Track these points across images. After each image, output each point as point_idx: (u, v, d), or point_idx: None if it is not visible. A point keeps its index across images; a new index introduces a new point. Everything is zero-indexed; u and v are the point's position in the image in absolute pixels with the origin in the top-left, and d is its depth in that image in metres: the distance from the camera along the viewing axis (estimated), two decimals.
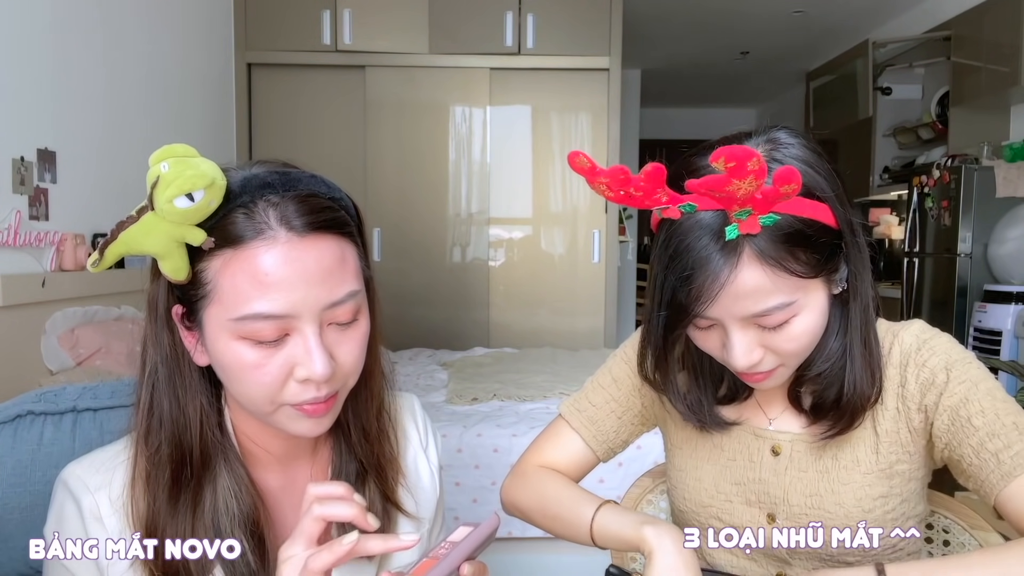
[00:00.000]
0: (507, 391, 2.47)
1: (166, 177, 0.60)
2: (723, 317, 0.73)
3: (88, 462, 0.72)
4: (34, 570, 0.89)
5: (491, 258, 3.82)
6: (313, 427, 0.70)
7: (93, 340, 2.02)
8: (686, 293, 0.71)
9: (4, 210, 1.88)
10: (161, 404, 0.70)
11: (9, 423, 0.89)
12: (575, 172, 0.70)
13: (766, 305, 0.71)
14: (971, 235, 3.55)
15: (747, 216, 0.69)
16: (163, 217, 0.61)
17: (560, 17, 3.68)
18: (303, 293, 0.64)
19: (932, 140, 4.49)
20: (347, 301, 0.67)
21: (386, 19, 3.64)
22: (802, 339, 0.74)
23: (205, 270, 0.65)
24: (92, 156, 2.30)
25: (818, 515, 0.82)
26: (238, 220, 0.64)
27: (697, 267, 0.70)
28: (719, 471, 0.89)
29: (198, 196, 0.61)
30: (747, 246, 0.70)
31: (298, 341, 0.65)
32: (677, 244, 0.72)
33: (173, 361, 0.70)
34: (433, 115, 3.75)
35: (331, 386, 0.68)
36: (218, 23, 3.43)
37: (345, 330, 0.69)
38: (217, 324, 0.65)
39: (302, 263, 0.64)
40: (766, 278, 0.70)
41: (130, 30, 2.55)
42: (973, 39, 3.74)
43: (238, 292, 0.64)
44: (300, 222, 0.64)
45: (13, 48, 1.93)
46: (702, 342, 0.78)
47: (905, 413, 0.81)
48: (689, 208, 0.71)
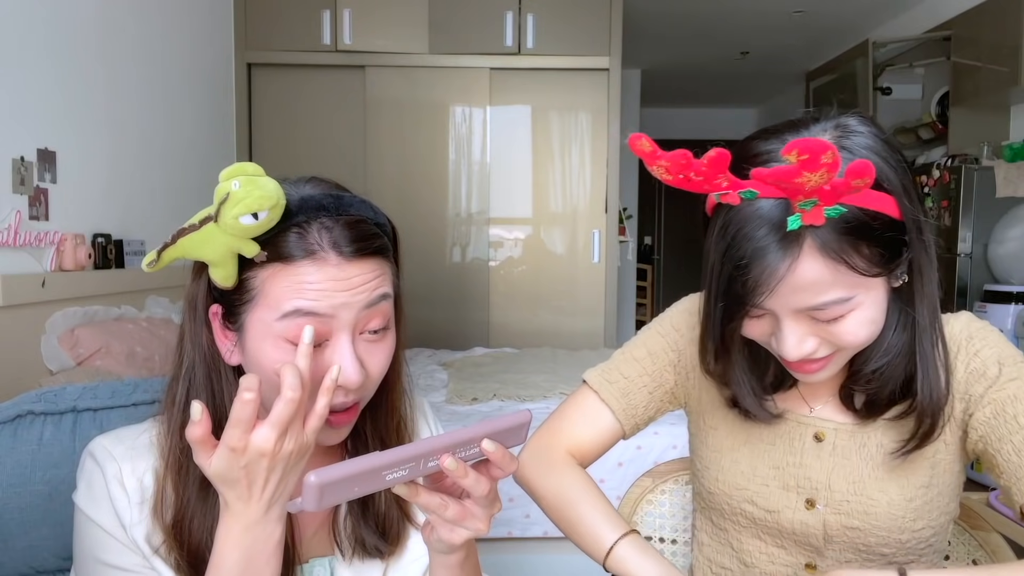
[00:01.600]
0: (507, 391, 2.47)
1: (236, 195, 0.64)
2: (778, 308, 0.71)
3: (114, 436, 0.76)
4: (34, 570, 0.89)
5: (491, 258, 3.82)
6: (332, 436, 0.73)
7: (93, 340, 2.02)
8: (742, 283, 0.70)
9: (4, 210, 1.88)
10: (200, 397, 0.72)
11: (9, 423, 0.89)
12: (635, 154, 0.68)
13: (824, 299, 0.70)
14: (971, 235, 3.54)
15: (812, 207, 0.67)
16: (224, 230, 0.65)
17: (560, 17, 3.68)
18: (343, 300, 0.68)
19: (932, 140, 4.49)
20: (380, 303, 0.72)
21: (386, 19, 3.64)
22: (858, 333, 0.72)
23: (253, 278, 0.69)
24: (92, 156, 2.30)
25: (861, 502, 0.81)
26: (291, 239, 0.68)
27: (755, 257, 0.69)
28: (757, 455, 0.87)
29: (263, 216, 0.65)
30: (809, 237, 0.68)
31: (334, 348, 0.69)
32: (735, 232, 0.70)
33: (211, 359, 0.73)
34: (433, 115, 3.75)
35: (357, 395, 0.72)
36: (218, 23, 3.43)
37: (375, 342, 0.73)
38: (261, 326, 0.69)
39: (347, 281, 0.69)
40: (826, 271, 0.68)
41: (130, 30, 2.54)
42: (973, 39, 3.74)
43: (283, 296, 0.68)
44: (350, 249, 0.69)
45: (13, 48, 1.93)
46: (750, 330, 0.76)
47: (948, 401, 0.79)
48: (750, 195, 0.69)
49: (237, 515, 0.64)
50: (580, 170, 3.81)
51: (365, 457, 0.56)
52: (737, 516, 0.87)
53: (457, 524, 0.65)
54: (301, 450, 0.65)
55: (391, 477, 0.58)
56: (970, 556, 0.98)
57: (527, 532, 2.06)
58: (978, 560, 0.97)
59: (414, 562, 0.81)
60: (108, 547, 0.71)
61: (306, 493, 0.54)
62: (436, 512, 0.64)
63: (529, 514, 2.06)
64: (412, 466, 0.58)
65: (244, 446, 0.61)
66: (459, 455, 0.61)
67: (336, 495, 0.56)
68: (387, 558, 0.81)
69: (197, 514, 0.71)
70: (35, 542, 0.88)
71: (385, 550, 0.80)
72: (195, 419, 0.61)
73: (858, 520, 0.80)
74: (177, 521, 0.71)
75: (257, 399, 0.61)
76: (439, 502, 0.63)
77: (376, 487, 0.58)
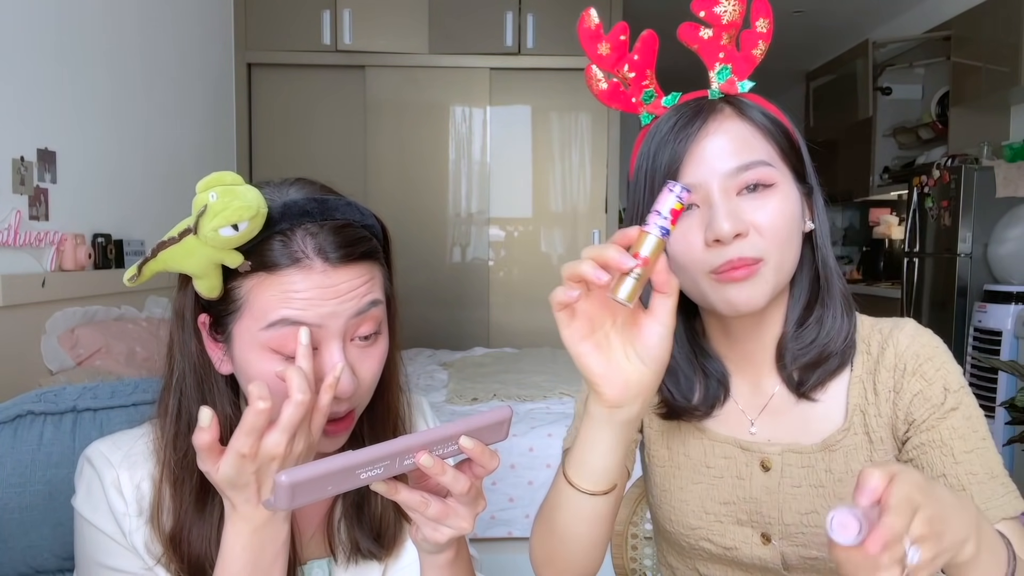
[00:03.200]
0: (507, 391, 2.47)
1: (214, 207, 0.62)
2: (707, 179, 0.72)
3: (111, 440, 0.75)
4: (34, 570, 0.89)
5: (491, 258, 3.82)
6: (328, 445, 0.72)
7: (93, 340, 2.02)
8: (669, 154, 0.73)
9: (4, 210, 1.88)
10: (190, 410, 0.71)
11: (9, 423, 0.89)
12: (579, 35, 0.76)
13: (749, 158, 0.72)
14: (971, 235, 3.54)
15: (726, 77, 0.76)
16: (205, 243, 0.64)
17: (560, 17, 3.68)
18: (331, 308, 0.67)
19: (932, 140, 4.49)
20: (369, 309, 0.70)
21: (386, 19, 3.64)
22: (779, 220, 0.72)
23: (238, 288, 0.68)
24: (92, 156, 2.30)
25: (815, 532, 0.79)
26: (275, 247, 0.66)
27: (679, 128, 0.74)
28: (705, 490, 0.84)
29: (243, 227, 0.63)
30: (727, 106, 0.75)
31: (324, 356, 0.68)
32: (658, 125, 0.76)
33: (202, 368, 0.72)
34: (433, 115, 3.75)
35: (351, 403, 0.71)
36: (218, 23, 3.43)
37: (366, 347, 0.71)
38: (247, 336, 0.68)
39: (334, 288, 0.67)
40: (749, 132, 0.74)
41: (130, 30, 2.54)
42: (973, 39, 3.74)
43: (269, 306, 0.66)
44: (336, 255, 0.67)
45: (13, 48, 1.93)
46: (681, 240, 0.74)
47: (893, 420, 0.79)
48: (673, 99, 0.78)
49: (247, 518, 0.64)
50: (580, 170, 3.81)
51: (339, 456, 0.55)
52: (697, 552, 0.86)
53: (440, 522, 0.64)
54: (309, 449, 0.65)
55: (366, 475, 0.57)
56: None
57: (527, 532, 2.06)
58: None
59: (412, 564, 0.80)
60: (109, 551, 0.71)
61: (277, 492, 0.54)
62: (417, 510, 0.63)
63: (529, 514, 2.06)
64: (387, 464, 0.58)
65: (255, 452, 0.61)
66: (438, 452, 0.60)
67: (309, 494, 0.55)
68: (384, 560, 0.80)
69: (195, 525, 0.70)
70: (35, 542, 0.88)
71: (380, 553, 0.79)
72: (203, 425, 0.61)
73: (815, 549, 0.79)
74: (175, 533, 0.70)
75: (269, 407, 0.61)
76: (420, 500, 0.62)
77: (350, 485, 0.57)
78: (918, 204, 3.97)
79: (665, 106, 0.79)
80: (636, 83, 0.79)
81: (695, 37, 0.77)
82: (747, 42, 0.77)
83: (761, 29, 0.76)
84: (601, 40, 0.77)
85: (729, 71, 0.76)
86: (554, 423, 2.17)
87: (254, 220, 0.64)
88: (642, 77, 0.78)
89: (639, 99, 0.80)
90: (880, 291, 4.57)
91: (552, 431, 2.11)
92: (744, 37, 0.76)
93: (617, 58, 0.77)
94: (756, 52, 0.77)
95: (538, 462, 2.08)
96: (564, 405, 2.35)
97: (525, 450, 2.08)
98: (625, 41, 0.77)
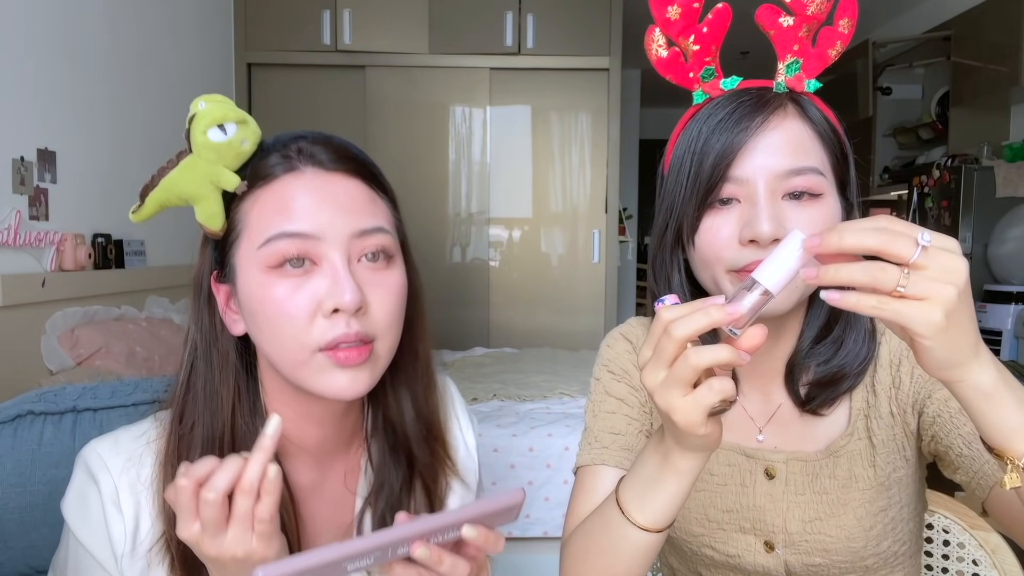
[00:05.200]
0: (507, 391, 2.47)
1: (201, 112, 0.63)
2: (753, 177, 0.69)
3: (111, 440, 0.70)
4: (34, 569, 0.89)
5: (491, 258, 3.82)
6: (349, 383, 0.65)
7: (93, 340, 2.02)
8: (724, 143, 0.69)
9: (4, 210, 1.88)
10: (196, 383, 0.69)
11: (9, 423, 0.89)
12: None
13: (802, 163, 0.69)
14: (971, 235, 3.54)
15: (795, 72, 0.71)
16: (199, 155, 0.64)
17: (560, 17, 3.68)
18: (329, 217, 0.64)
19: (932, 140, 4.49)
20: (375, 234, 0.66)
21: (386, 19, 3.64)
22: (818, 227, 0.68)
23: (237, 212, 0.66)
24: (92, 156, 2.30)
25: (819, 539, 0.78)
26: (269, 159, 0.66)
27: (740, 117, 0.70)
28: (708, 498, 0.83)
29: (230, 129, 0.63)
30: (791, 103, 0.71)
31: (325, 271, 0.64)
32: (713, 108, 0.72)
33: (211, 337, 0.70)
34: (433, 115, 3.75)
35: (363, 325, 0.64)
36: (218, 23, 3.43)
37: (377, 271, 0.67)
38: (246, 259, 0.65)
39: (328, 191, 0.65)
40: (807, 135, 0.71)
41: (130, 30, 2.54)
42: (973, 39, 3.74)
43: (264, 221, 0.64)
44: (326, 157, 0.67)
45: (13, 48, 1.93)
46: (713, 232, 0.71)
47: (901, 417, 0.78)
48: (732, 83, 0.73)
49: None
50: (580, 170, 3.81)
51: (324, 548, 0.50)
52: (700, 557, 0.85)
53: None
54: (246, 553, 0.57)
55: (354, 566, 0.52)
56: (970, 556, 0.98)
57: (527, 532, 2.06)
58: (978, 560, 0.97)
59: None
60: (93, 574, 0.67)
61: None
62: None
63: (529, 514, 2.06)
64: (379, 555, 0.53)
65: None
66: (436, 540, 0.55)
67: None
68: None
69: None
70: (35, 542, 0.88)
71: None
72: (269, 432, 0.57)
73: (819, 557, 0.78)
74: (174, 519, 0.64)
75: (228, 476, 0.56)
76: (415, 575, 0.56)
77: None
78: (918, 204, 3.97)
79: (723, 88, 0.74)
80: (699, 57, 0.73)
81: (774, 22, 0.71)
82: (825, 39, 0.72)
83: (843, 29, 0.71)
84: (673, 3, 0.71)
85: (799, 66, 0.72)
86: (554, 423, 2.16)
87: (243, 127, 0.64)
88: (706, 52, 0.73)
89: (697, 75, 0.74)
90: None
91: (552, 431, 2.11)
92: (824, 34, 0.71)
93: (685, 26, 0.71)
94: (832, 52, 0.72)
95: (538, 462, 2.08)
96: (564, 405, 2.35)
97: (525, 450, 2.08)
98: (698, 9, 0.71)
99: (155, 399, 0.93)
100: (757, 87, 0.74)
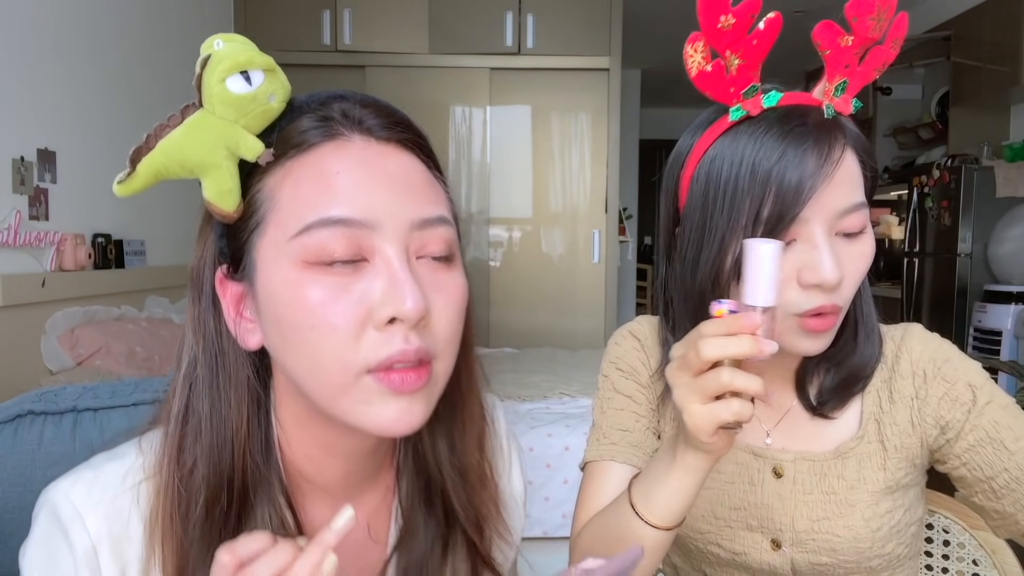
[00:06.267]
0: (507, 391, 2.47)
1: (218, 54, 0.49)
2: (815, 217, 0.67)
3: (88, 485, 0.53)
4: None
5: (491, 258, 3.82)
6: (403, 412, 0.51)
7: (93, 340, 2.03)
8: (791, 182, 0.65)
9: (4, 210, 1.88)
10: (199, 408, 0.54)
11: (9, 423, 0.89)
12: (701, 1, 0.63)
13: (856, 199, 0.68)
14: (971, 235, 3.55)
15: (842, 93, 0.68)
16: (213, 111, 0.50)
17: (560, 17, 3.68)
18: (385, 199, 0.50)
19: (932, 140, 4.49)
20: (440, 226, 0.53)
21: (386, 19, 3.64)
22: (865, 262, 0.70)
23: (260, 190, 0.51)
24: (92, 156, 2.30)
25: (826, 539, 0.78)
26: (304, 123, 0.52)
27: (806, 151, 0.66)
28: (715, 496, 0.83)
29: (256, 79, 0.49)
30: (840, 131, 0.69)
31: (379, 268, 0.50)
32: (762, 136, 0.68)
33: (217, 350, 0.55)
34: (433, 115, 3.75)
35: (423, 340, 0.50)
36: (218, 23, 3.43)
37: (440, 272, 0.53)
38: (274, 252, 0.50)
39: (382, 166, 0.51)
40: (855, 165, 0.69)
41: (130, 30, 2.55)
42: (973, 39, 3.74)
43: (301, 201, 0.49)
44: (377, 123, 0.53)
45: (13, 48, 1.93)
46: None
47: (921, 427, 0.78)
48: (774, 99, 0.69)
49: None
50: (580, 170, 3.81)
51: None
52: (705, 555, 0.85)
53: None
54: None
55: None
56: (970, 556, 0.98)
57: (527, 532, 2.06)
58: (978, 560, 0.97)
59: None
60: None
61: None
62: None
63: (530, 514, 2.06)
64: None
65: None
66: None
67: None
68: None
69: (200, 567, 0.51)
70: None
71: None
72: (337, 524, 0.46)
73: (826, 556, 0.79)
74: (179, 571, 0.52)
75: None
76: None
77: None
78: (918, 204, 3.97)
79: (764, 105, 0.69)
80: (744, 72, 0.67)
81: (832, 42, 0.66)
82: (874, 58, 0.69)
83: (893, 49, 0.69)
84: (727, 11, 0.63)
85: (846, 86, 0.69)
86: (554, 423, 2.17)
87: (271, 77, 0.50)
88: (752, 67, 0.68)
89: (739, 91, 0.69)
90: (880, 291, 4.57)
91: (552, 431, 2.11)
92: (873, 52, 0.68)
93: (736, 38, 0.65)
94: (876, 71, 0.69)
95: (538, 462, 2.08)
96: (564, 405, 2.35)
97: (525, 450, 2.08)
98: (752, 20, 0.64)
99: (155, 399, 0.92)
100: (803, 106, 0.69)
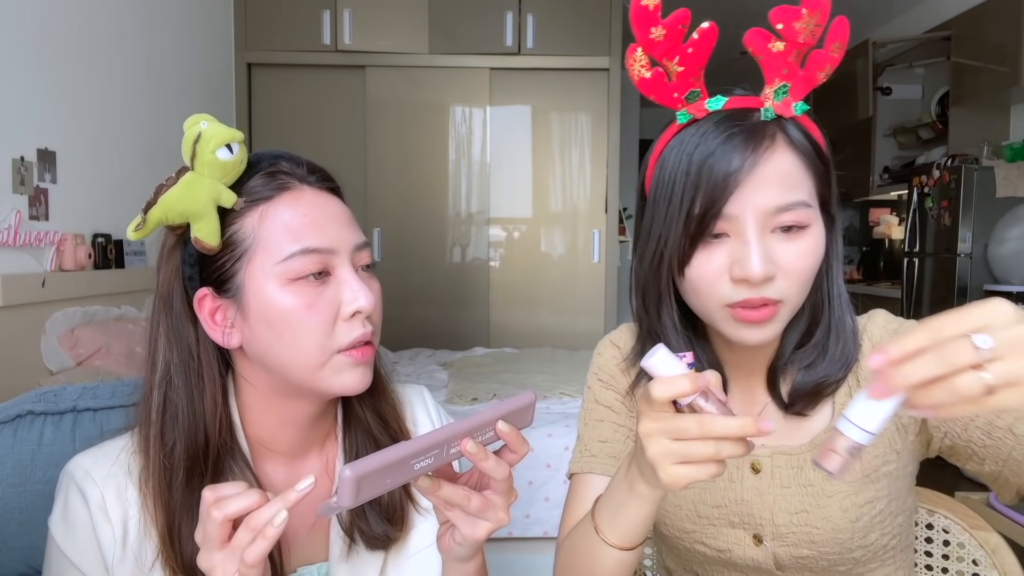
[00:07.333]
0: (507, 391, 2.47)
1: (207, 132, 0.67)
2: (744, 214, 0.69)
3: (95, 454, 0.73)
4: (34, 570, 0.89)
5: (491, 258, 3.82)
6: (360, 377, 0.72)
7: (93, 340, 2.02)
8: (711, 182, 0.68)
9: (4, 210, 1.88)
10: (176, 402, 0.70)
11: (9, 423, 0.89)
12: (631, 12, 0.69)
13: (792, 198, 0.69)
14: (971, 235, 3.55)
15: (783, 97, 0.70)
16: (204, 173, 0.67)
17: (560, 17, 3.68)
18: (336, 231, 0.71)
19: (932, 140, 4.49)
20: (365, 248, 0.75)
21: (386, 19, 3.64)
22: (807, 264, 0.71)
23: (240, 228, 0.70)
24: (92, 156, 2.30)
25: (806, 531, 0.79)
26: (263, 180, 0.71)
27: (726, 147, 0.68)
28: (697, 494, 0.84)
29: (235, 149, 0.67)
30: (778, 131, 0.70)
31: (340, 278, 0.71)
32: (701, 136, 0.70)
33: (195, 352, 0.72)
34: (433, 115, 3.75)
35: (372, 323, 0.73)
36: (218, 23, 3.43)
37: (370, 279, 0.74)
38: (263, 274, 0.69)
39: (329, 209, 0.72)
40: (795, 167, 0.70)
41: (130, 30, 2.54)
42: (973, 39, 3.74)
43: (280, 236, 0.69)
44: (315, 178, 0.74)
45: (13, 48, 1.93)
46: (703, 265, 0.72)
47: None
48: (717, 102, 0.72)
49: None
50: (580, 170, 3.81)
51: (393, 447, 0.55)
52: (693, 554, 0.86)
53: (480, 516, 0.64)
54: None
55: (419, 466, 0.56)
56: (970, 556, 0.98)
57: (527, 532, 2.06)
58: (978, 560, 0.97)
59: (414, 555, 0.79)
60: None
61: (342, 489, 0.52)
62: (460, 504, 0.62)
63: (529, 514, 2.06)
64: (436, 453, 0.57)
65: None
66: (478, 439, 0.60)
67: (371, 489, 0.54)
68: (389, 547, 0.78)
69: (185, 521, 0.68)
70: (35, 542, 0.88)
71: (393, 535, 0.78)
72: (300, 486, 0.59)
73: (806, 549, 0.79)
74: (167, 531, 0.68)
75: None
76: (463, 493, 0.62)
77: (405, 478, 0.57)
78: (918, 204, 3.97)
79: (708, 108, 0.73)
80: (684, 79, 0.72)
81: (763, 47, 0.70)
82: (814, 62, 0.70)
83: (834, 53, 0.70)
84: (657, 24, 0.69)
85: (787, 90, 0.71)
86: (554, 423, 2.17)
87: (243, 146, 0.69)
88: (691, 74, 0.71)
89: (682, 96, 0.73)
90: (880, 291, 4.57)
91: (552, 431, 2.11)
92: (813, 56, 0.70)
93: (669, 47, 0.70)
94: (821, 75, 0.71)
95: (538, 462, 2.08)
96: (564, 405, 2.35)
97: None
98: (683, 31, 0.69)
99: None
100: (744, 109, 0.72)
